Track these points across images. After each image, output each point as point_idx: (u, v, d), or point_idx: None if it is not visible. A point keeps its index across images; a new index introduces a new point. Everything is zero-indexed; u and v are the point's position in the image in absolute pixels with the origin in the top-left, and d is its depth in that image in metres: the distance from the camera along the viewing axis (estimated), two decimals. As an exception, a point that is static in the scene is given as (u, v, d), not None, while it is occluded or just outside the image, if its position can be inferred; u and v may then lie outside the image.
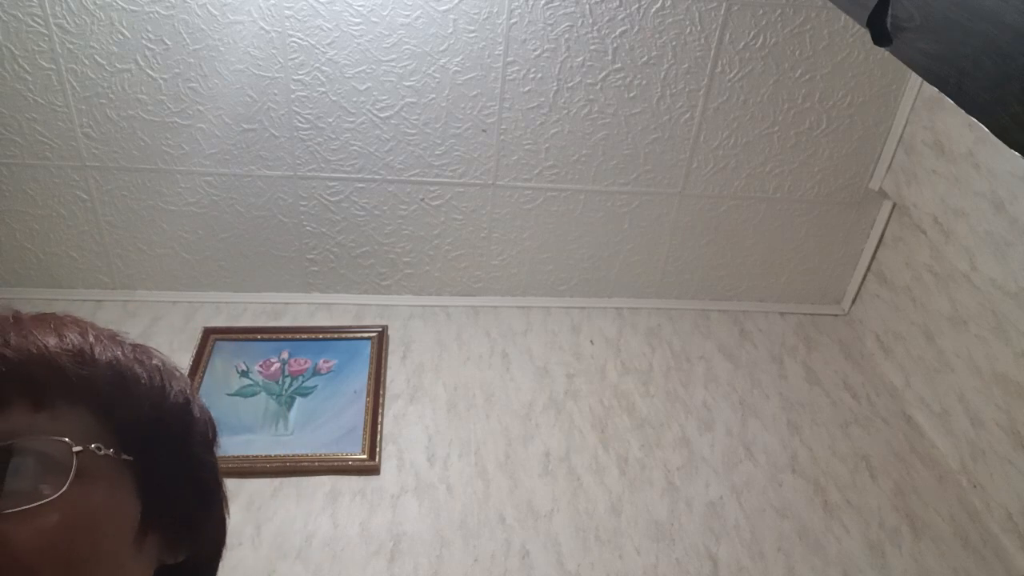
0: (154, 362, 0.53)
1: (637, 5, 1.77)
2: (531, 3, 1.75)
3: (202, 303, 2.11)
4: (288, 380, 1.89)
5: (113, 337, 0.52)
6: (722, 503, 1.69)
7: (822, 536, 1.63)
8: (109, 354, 0.50)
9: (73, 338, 0.49)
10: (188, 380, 0.56)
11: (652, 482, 1.72)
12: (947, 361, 1.84)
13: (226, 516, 0.59)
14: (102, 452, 0.47)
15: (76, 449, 0.45)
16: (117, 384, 0.50)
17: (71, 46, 1.74)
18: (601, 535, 1.60)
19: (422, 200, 2.03)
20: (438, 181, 2.00)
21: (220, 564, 0.60)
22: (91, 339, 0.50)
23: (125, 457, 0.48)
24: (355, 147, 1.92)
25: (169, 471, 0.52)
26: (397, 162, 1.95)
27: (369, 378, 1.90)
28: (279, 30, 1.75)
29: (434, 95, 1.86)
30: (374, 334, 2.03)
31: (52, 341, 0.48)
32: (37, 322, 0.50)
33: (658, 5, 1.78)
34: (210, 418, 0.58)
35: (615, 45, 1.82)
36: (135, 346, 0.53)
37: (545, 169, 1.99)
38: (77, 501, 0.44)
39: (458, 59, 1.81)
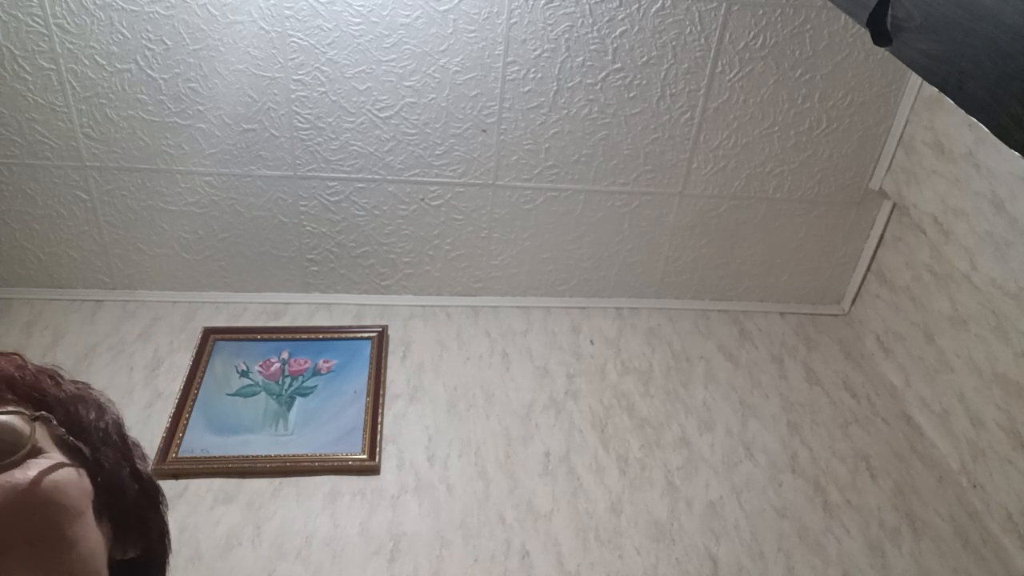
0: (92, 390, 0.59)
1: (637, 5, 1.77)
2: (531, 3, 1.75)
3: (202, 303, 2.11)
4: (288, 380, 1.89)
5: (55, 370, 0.57)
6: (722, 503, 1.69)
7: (822, 536, 1.63)
8: (49, 373, 0.56)
9: (14, 359, 0.55)
10: (120, 416, 0.61)
11: (652, 482, 1.72)
12: (947, 361, 1.84)
13: (168, 526, 0.62)
14: (53, 423, 0.51)
15: (33, 415, 0.49)
16: (60, 391, 0.55)
17: (71, 46, 1.74)
18: (601, 535, 1.60)
19: (422, 200, 2.03)
20: (438, 181, 2.00)
21: (167, 570, 0.62)
22: (31, 363, 0.56)
23: (75, 441, 0.52)
24: (355, 147, 1.92)
25: (115, 468, 0.55)
26: (397, 162, 1.95)
27: (369, 378, 1.90)
28: (279, 30, 1.75)
29: (434, 95, 1.86)
30: (374, 334, 2.03)
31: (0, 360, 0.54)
32: None
33: (658, 5, 1.78)
34: (142, 447, 0.62)
35: (615, 45, 1.82)
36: (75, 379, 0.59)
37: (545, 169, 1.99)
38: (33, 473, 0.46)
39: (458, 59, 1.81)
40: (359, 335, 2.03)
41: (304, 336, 2.02)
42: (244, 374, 1.90)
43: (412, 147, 1.93)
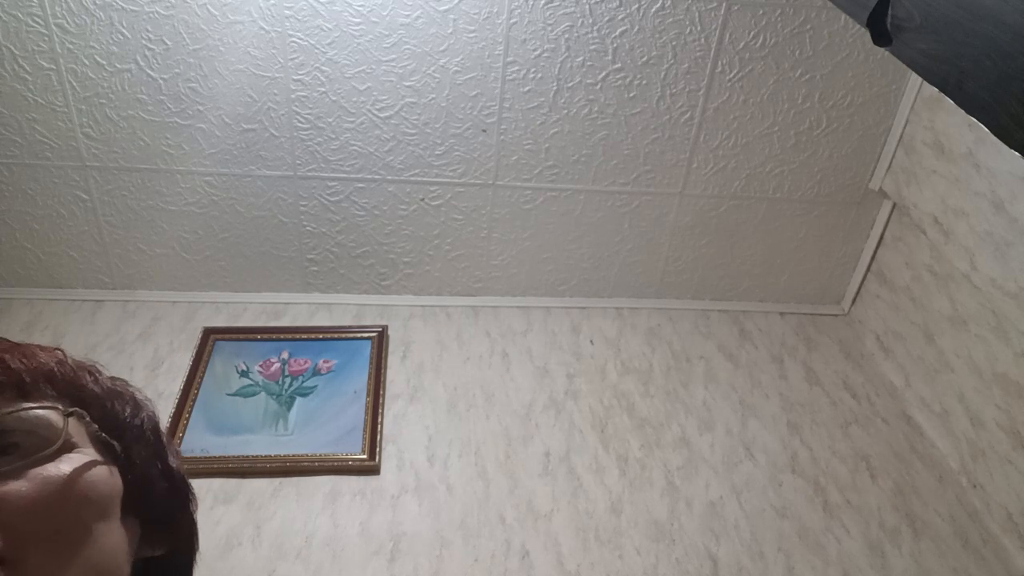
0: (130, 388, 0.59)
1: (637, 5, 1.77)
2: (531, 3, 1.75)
3: (202, 303, 2.11)
4: (288, 380, 1.89)
5: (94, 366, 0.58)
6: (722, 503, 1.69)
7: (822, 536, 1.63)
8: (89, 370, 0.56)
9: (56, 354, 0.55)
10: (156, 414, 0.62)
11: (652, 482, 1.72)
12: (947, 361, 1.84)
13: (197, 525, 0.62)
14: (87, 420, 0.51)
15: (66, 411, 0.49)
16: (98, 389, 0.55)
17: (71, 46, 1.74)
18: (601, 535, 1.60)
19: (422, 200, 2.03)
20: (438, 181, 2.00)
21: (194, 570, 0.62)
22: (72, 359, 0.56)
23: (108, 438, 0.52)
24: (355, 147, 1.92)
25: (147, 466, 0.56)
26: (397, 162, 1.95)
27: (369, 378, 1.90)
28: (279, 30, 1.75)
29: (434, 95, 1.86)
30: (374, 334, 2.03)
31: (39, 353, 0.53)
32: (24, 344, 0.54)
33: (658, 5, 1.78)
34: (176, 445, 0.61)
35: (615, 45, 1.82)
36: (114, 376, 0.59)
37: (545, 169, 1.99)
38: (65, 467, 0.47)
39: (458, 59, 1.81)
40: (359, 335, 2.03)
41: (304, 336, 2.02)
42: (244, 374, 1.90)
43: (412, 147, 1.93)
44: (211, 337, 1.98)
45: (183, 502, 0.60)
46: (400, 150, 1.93)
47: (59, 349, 0.55)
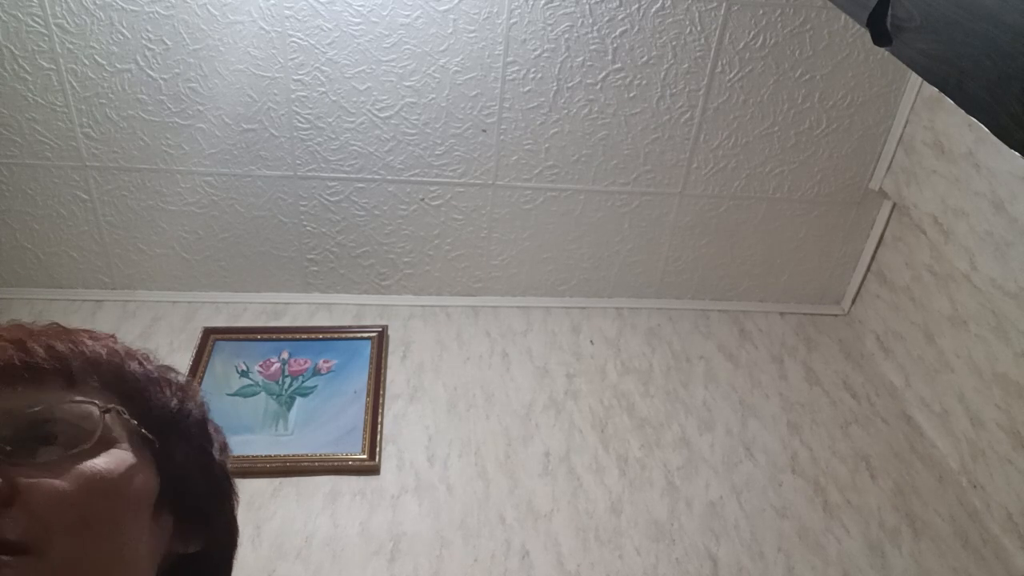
0: (179, 377, 0.59)
1: (637, 5, 1.77)
2: (531, 3, 1.75)
3: (202, 303, 2.11)
4: (288, 380, 1.89)
5: (145, 353, 0.58)
6: (722, 503, 1.69)
7: (822, 536, 1.63)
8: (139, 358, 0.56)
9: (107, 342, 0.55)
10: (206, 403, 0.61)
11: (652, 482, 1.72)
12: (947, 361, 1.84)
13: (237, 522, 0.62)
14: (125, 416, 0.51)
15: (103, 408, 0.49)
16: (144, 379, 0.55)
17: (71, 46, 1.74)
18: (601, 535, 1.60)
19: (422, 200, 2.03)
20: (438, 181, 2.00)
21: (233, 567, 0.62)
22: (122, 346, 0.56)
23: (147, 433, 0.52)
24: (355, 147, 1.92)
25: (186, 462, 0.55)
26: (397, 162, 1.95)
27: (369, 378, 1.90)
28: (279, 30, 1.75)
29: (434, 95, 1.86)
30: (374, 334, 2.03)
31: (88, 341, 0.53)
32: (76, 330, 0.55)
33: (658, 5, 1.78)
34: (223, 436, 0.62)
35: (615, 45, 1.82)
36: (162, 364, 0.59)
37: (545, 169, 1.99)
38: (99, 462, 0.47)
39: (458, 59, 1.81)
40: (359, 335, 2.03)
41: (304, 336, 2.02)
42: (244, 374, 1.90)
43: (412, 147, 1.93)
44: (211, 337, 1.98)
45: (222, 499, 0.59)
46: (400, 150, 1.93)
47: (112, 336, 0.56)
